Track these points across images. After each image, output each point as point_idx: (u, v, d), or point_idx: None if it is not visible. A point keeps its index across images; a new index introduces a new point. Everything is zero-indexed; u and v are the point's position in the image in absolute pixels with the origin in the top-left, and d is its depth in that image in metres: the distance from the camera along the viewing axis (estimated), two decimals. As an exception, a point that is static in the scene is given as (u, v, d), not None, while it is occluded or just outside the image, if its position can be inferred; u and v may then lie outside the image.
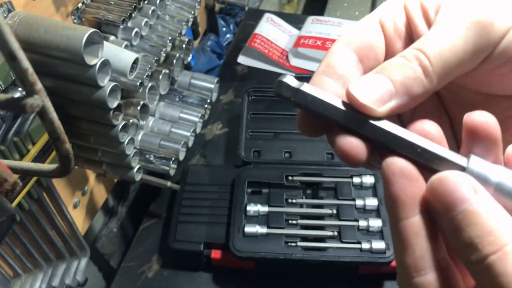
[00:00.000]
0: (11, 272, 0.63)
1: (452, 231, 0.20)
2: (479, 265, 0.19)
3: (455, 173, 0.21)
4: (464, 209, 0.20)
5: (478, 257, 0.19)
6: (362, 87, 0.24)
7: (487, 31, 0.24)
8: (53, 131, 0.28)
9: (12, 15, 0.52)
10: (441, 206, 0.21)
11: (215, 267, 0.80)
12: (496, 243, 0.19)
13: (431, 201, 0.22)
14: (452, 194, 0.21)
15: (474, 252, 0.19)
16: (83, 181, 0.78)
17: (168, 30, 0.73)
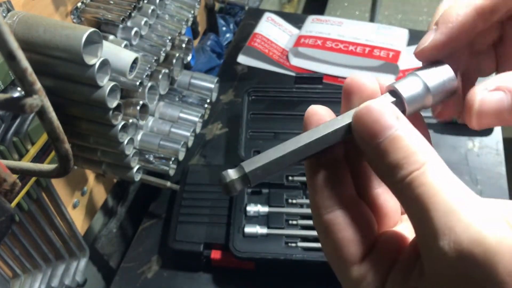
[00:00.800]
0: (10, 272, 0.63)
1: (378, 156, 0.22)
2: (404, 182, 0.21)
3: (378, 102, 0.23)
4: (390, 135, 0.22)
5: (403, 175, 0.21)
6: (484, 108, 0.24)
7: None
8: (52, 131, 0.27)
9: (11, 15, 0.52)
10: (367, 134, 0.23)
11: (215, 268, 0.80)
12: (418, 161, 0.21)
13: (357, 130, 0.23)
14: (378, 122, 0.22)
15: (399, 172, 0.22)
16: (83, 181, 0.77)
17: (167, 30, 0.73)
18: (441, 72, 0.26)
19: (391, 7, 1.76)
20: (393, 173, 0.22)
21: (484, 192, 0.89)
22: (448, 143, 0.96)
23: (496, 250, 0.19)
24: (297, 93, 0.95)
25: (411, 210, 0.22)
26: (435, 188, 0.21)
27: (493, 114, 0.24)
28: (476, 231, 0.19)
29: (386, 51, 1.10)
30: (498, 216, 0.20)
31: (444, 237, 0.20)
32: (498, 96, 0.24)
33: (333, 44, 1.13)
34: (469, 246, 0.19)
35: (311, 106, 0.27)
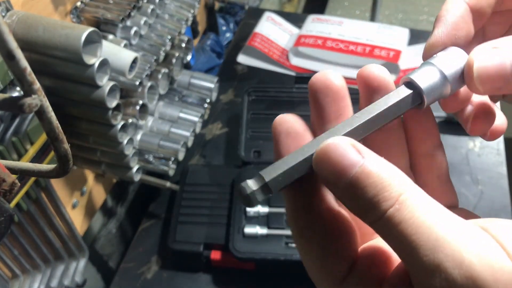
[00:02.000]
0: (10, 273, 0.63)
1: (348, 197, 0.21)
2: (381, 221, 0.20)
3: (334, 141, 0.21)
4: (355, 173, 0.20)
5: (378, 214, 0.19)
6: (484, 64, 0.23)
7: None
8: (52, 131, 0.27)
9: (10, 14, 0.52)
10: (331, 176, 0.21)
11: (215, 268, 0.80)
12: (391, 196, 0.19)
13: (320, 175, 0.21)
14: (338, 163, 0.20)
15: (373, 211, 0.20)
16: (82, 182, 0.77)
17: (167, 29, 0.73)
18: (457, 58, 0.24)
19: (391, 6, 1.76)
20: (368, 213, 0.20)
21: (485, 192, 0.89)
22: (449, 143, 0.96)
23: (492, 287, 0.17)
24: (297, 93, 0.95)
25: (395, 247, 0.20)
26: (417, 221, 0.19)
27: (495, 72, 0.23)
28: (468, 266, 0.18)
29: (387, 51, 1.10)
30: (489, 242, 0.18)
31: (434, 275, 0.18)
32: (499, 54, 0.23)
33: (333, 43, 1.13)
34: (463, 285, 0.18)
35: (280, 116, 0.25)
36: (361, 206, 0.20)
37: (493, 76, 0.23)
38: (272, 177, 0.22)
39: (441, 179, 0.27)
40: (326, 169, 0.21)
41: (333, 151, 0.21)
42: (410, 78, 0.24)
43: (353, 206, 0.21)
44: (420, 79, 0.24)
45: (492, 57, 0.23)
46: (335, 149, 0.21)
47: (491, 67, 0.23)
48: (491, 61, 0.23)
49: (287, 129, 0.24)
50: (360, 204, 0.20)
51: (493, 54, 0.23)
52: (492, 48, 0.23)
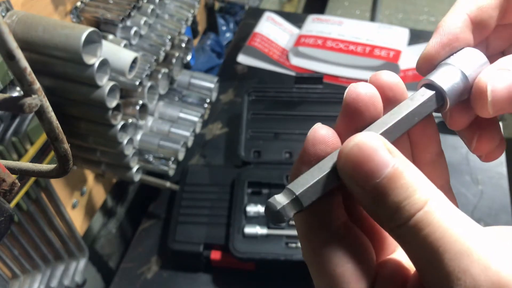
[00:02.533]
0: (9, 273, 0.63)
1: (376, 200, 0.19)
2: (406, 225, 0.19)
3: (366, 137, 0.20)
4: (387, 174, 0.19)
5: (405, 217, 0.19)
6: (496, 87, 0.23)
7: None
8: (51, 131, 0.27)
9: (10, 14, 0.52)
10: (360, 177, 0.20)
11: (214, 268, 0.80)
12: (421, 199, 0.19)
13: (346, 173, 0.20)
14: (371, 161, 0.19)
15: (401, 214, 0.19)
16: (82, 182, 0.77)
17: (167, 29, 0.73)
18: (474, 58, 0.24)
19: (391, 6, 1.76)
20: (394, 217, 0.19)
21: (485, 192, 0.89)
22: (449, 143, 0.96)
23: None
24: (297, 93, 0.95)
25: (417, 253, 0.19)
26: (443, 227, 0.18)
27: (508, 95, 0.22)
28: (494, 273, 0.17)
29: (387, 51, 1.10)
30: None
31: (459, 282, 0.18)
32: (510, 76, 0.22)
33: (333, 43, 1.13)
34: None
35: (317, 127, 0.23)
36: (388, 209, 0.19)
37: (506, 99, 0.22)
38: (302, 189, 0.21)
39: (444, 188, 0.26)
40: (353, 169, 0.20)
41: (363, 149, 0.20)
42: (431, 80, 0.24)
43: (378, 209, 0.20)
44: (441, 80, 0.23)
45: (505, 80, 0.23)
46: (365, 147, 0.20)
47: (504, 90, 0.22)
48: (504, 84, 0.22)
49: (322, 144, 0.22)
50: (387, 207, 0.19)
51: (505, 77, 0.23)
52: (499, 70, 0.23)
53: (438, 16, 1.72)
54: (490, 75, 0.23)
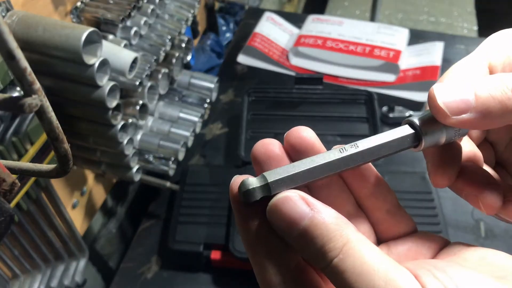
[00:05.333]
0: (10, 273, 0.63)
1: (300, 247, 0.22)
2: (328, 269, 0.22)
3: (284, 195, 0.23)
4: (303, 226, 0.22)
5: (326, 263, 0.21)
6: (446, 92, 0.24)
7: None
8: (52, 131, 0.27)
9: (10, 14, 0.52)
10: (283, 227, 0.23)
11: (215, 268, 0.80)
12: (336, 246, 0.21)
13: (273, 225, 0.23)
14: (288, 216, 0.22)
15: (322, 260, 0.22)
16: (82, 182, 0.77)
17: (167, 29, 0.73)
18: None
19: (391, 6, 1.76)
20: (318, 261, 0.22)
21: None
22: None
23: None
24: (297, 93, 0.95)
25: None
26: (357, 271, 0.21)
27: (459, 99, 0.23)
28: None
29: (387, 51, 1.10)
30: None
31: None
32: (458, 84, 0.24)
33: (333, 43, 1.13)
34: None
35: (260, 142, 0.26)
36: (312, 254, 0.22)
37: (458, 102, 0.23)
38: (274, 179, 0.23)
39: (391, 212, 0.28)
40: (278, 220, 0.23)
41: (285, 204, 0.23)
42: (411, 120, 0.26)
43: (305, 254, 0.23)
44: (421, 122, 0.25)
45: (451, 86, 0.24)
46: (287, 201, 0.23)
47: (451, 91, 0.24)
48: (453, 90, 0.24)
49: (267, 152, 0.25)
50: (311, 252, 0.22)
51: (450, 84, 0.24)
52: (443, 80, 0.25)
53: (438, 16, 1.72)
54: (436, 85, 0.24)
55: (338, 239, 0.22)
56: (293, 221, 0.22)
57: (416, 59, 1.12)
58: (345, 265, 0.21)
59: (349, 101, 0.93)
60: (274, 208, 0.23)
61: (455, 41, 1.23)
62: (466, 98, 0.23)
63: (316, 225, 0.22)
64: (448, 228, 0.77)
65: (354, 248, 0.21)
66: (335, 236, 0.22)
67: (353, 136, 0.86)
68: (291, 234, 0.22)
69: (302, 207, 0.22)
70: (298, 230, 0.22)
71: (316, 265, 0.22)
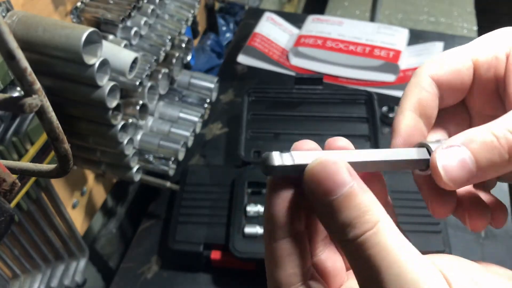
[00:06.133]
0: (10, 273, 0.63)
1: (331, 214, 0.22)
2: (356, 242, 0.21)
3: (333, 158, 0.22)
4: (344, 192, 0.22)
5: (356, 234, 0.21)
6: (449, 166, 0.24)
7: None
8: (52, 131, 0.27)
9: (10, 14, 0.52)
10: (321, 190, 0.22)
11: (215, 268, 0.80)
12: (371, 220, 0.21)
13: (309, 186, 0.23)
14: (333, 178, 0.22)
15: (351, 231, 0.21)
16: (82, 182, 0.77)
17: (167, 29, 0.73)
18: None
19: (391, 6, 1.76)
20: (345, 232, 0.21)
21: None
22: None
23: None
24: (297, 93, 0.95)
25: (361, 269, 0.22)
26: (387, 249, 0.21)
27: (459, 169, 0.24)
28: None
29: (387, 51, 1.10)
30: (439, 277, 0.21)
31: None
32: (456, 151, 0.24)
33: (333, 43, 1.13)
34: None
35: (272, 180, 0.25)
36: (341, 223, 0.22)
37: (461, 174, 0.24)
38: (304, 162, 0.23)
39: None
40: (318, 181, 0.22)
41: (329, 167, 0.22)
42: (429, 146, 0.26)
43: (332, 223, 0.22)
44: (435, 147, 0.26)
45: (454, 156, 0.24)
46: (331, 165, 0.22)
47: (456, 166, 0.24)
48: (455, 160, 0.24)
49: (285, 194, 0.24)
50: (341, 221, 0.22)
51: (454, 153, 0.24)
52: (448, 147, 0.25)
53: (438, 16, 1.72)
54: (439, 153, 0.25)
55: (374, 213, 0.21)
56: (334, 185, 0.22)
57: (416, 59, 1.12)
58: (376, 239, 0.21)
59: (349, 101, 0.93)
60: (317, 168, 0.22)
61: (455, 41, 1.23)
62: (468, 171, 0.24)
63: (356, 195, 0.22)
64: (448, 228, 0.77)
65: (387, 226, 0.21)
66: (372, 210, 0.21)
67: (353, 136, 0.86)
68: (328, 198, 0.22)
69: (346, 174, 0.22)
70: (337, 195, 0.22)
71: (342, 236, 0.22)
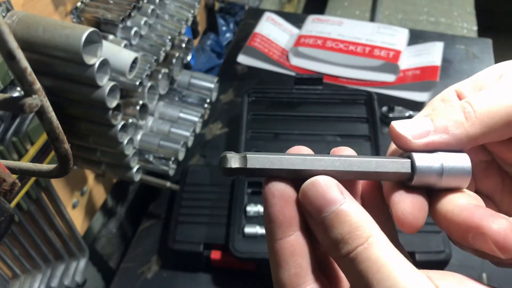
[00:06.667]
0: (10, 273, 0.63)
1: (324, 230, 0.23)
2: (348, 257, 0.22)
3: (324, 178, 0.24)
4: (335, 210, 0.23)
5: (348, 250, 0.22)
6: (405, 124, 0.26)
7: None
8: (52, 131, 0.27)
9: (10, 14, 0.52)
10: (313, 208, 0.23)
11: (215, 268, 0.80)
12: (362, 235, 0.22)
13: (304, 204, 0.24)
14: (323, 197, 0.23)
15: (344, 246, 0.22)
16: (82, 182, 0.77)
17: (167, 30, 0.73)
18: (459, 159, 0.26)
19: (391, 6, 1.76)
20: (338, 248, 0.22)
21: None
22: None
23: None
24: (297, 94, 0.95)
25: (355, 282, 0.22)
26: (379, 263, 0.21)
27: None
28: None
29: (387, 51, 1.10)
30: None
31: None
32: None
33: (333, 43, 1.13)
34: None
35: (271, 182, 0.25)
36: (334, 240, 0.22)
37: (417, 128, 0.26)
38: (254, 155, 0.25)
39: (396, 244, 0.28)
40: (310, 200, 0.23)
41: (320, 186, 0.23)
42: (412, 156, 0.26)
43: (326, 238, 0.23)
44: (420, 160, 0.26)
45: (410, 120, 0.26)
46: (322, 184, 0.23)
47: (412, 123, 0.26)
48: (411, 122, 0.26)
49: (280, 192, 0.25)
50: (335, 237, 0.22)
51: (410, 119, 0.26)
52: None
53: (438, 16, 1.72)
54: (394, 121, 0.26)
55: (365, 229, 0.22)
56: (325, 203, 0.23)
57: (416, 59, 1.12)
58: (368, 254, 0.21)
59: (349, 101, 0.93)
60: (310, 187, 0.24)
61: (455, 41, 1.23)
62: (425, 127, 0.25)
63: (347, 212, 0.22)
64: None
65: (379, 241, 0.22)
66: (363, 226, 0.22)
67: (353, 136, 0.86)
68: (320, 216, 0.23)
69: (336, 193, 0.23)
70: (328, 213, 0.23)
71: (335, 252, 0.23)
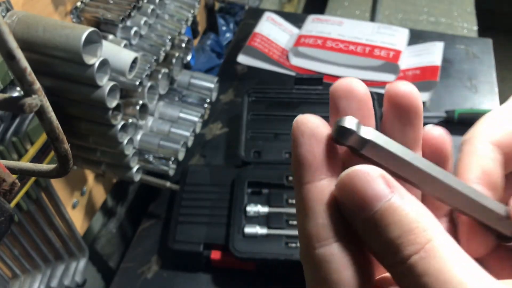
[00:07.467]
0: (10, 273, 0.63)
1: (369, 233, 0.18)
2: (401, 267, 0.17)
3: (365, 167, 0.19)
4: (381, 207, 0.18)
5: (400, 258, 0.17)
6: None
7: None
8: (52, 131, 0.27)
9: (10, 14, 0.52)
10: (354, 206, 0.18)
11: (215, 268, 0.80)
12: (418, 241, 0.17)
13: (341, 201, 0.19)
14: (365, 191, 0.18)
15: (395, 254, 0.17)
16: (82, 182, 0.77)
17: (167, 29, 0.73)
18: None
19: (391, 6, 1.76)
20: (388, 255, 0.18)
21: (485, 192, 0.89)
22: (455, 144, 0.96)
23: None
24: (297, 94, 0.95)
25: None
26: (443, 277, 0.17)
27: None
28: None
29: (387, 51, 1.10)
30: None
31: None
32: None
33: (333, 43, 1.13)
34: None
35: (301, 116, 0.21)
36: (382, 244, 0.18)
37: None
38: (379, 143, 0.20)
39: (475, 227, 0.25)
40: (348, 196, 0.19)
41: (360, 178, 0.18)
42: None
43: (374, 243, 0.18)
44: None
45: None
46: (362, 176, 0.18)
47: None
48: None
49: (312, 130, 0.21)
50: (381, 242, 0.18)
51: None
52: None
53: (438, 16, 1.72)
54: None
55: (420, 232, 0.17)
56: (366, 200, 0.18)
57: (416, 59, 1.12)
58: (427, 266, 0.17)
59: (349, 101, 0.92)
60: (347, 180, 0.19)
61: (455, 41, 1.23)
62: None
63: (394, 210, 0.18)
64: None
65: (441, 247, 0.17)
66: (418, 228, 0.17)
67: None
68: (360, 216, 0.18)
69: (380, 186, 0.18)
70: (370, 212, 0.18)
71: (384, 260, 0.18)
